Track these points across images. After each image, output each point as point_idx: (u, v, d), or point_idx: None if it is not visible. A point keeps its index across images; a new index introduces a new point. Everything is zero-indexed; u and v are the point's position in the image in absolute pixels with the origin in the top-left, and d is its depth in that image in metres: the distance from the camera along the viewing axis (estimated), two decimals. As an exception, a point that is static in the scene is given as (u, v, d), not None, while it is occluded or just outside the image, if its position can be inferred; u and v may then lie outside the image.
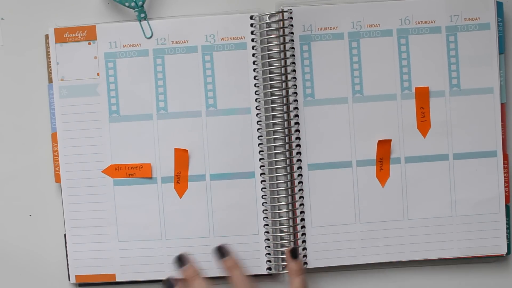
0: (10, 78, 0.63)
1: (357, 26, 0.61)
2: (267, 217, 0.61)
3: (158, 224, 0.61)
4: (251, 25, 0.60)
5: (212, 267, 0.61)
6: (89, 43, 0.61)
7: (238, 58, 0.61)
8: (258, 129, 0.61)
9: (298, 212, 0.61)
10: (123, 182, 0.61)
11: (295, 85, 0.61)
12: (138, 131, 0.61)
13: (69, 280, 0.62)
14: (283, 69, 0.60)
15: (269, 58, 0.60)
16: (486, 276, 0.63)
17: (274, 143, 0.61)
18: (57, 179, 0.62)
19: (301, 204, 0.61)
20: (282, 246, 0.61)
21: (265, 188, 0.61)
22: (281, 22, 0.60)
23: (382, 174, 0.61)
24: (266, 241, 0.61)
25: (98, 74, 0.61)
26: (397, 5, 0.61)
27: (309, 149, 0.61)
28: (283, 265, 0.61)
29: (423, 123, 0.61)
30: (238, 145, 0.61)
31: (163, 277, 0.61)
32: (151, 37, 0.61)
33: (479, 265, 0.63)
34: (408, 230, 0.61)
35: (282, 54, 0.60)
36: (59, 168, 0.62)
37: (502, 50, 0.61)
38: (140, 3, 0.60)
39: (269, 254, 0.61)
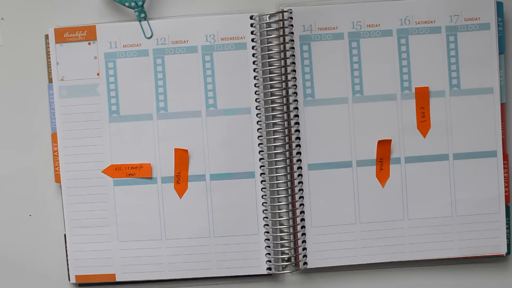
0: (10, 78, 0.63)
1: (357, 26, 0.61)
2: (267, 217, 0.61)
3: (158, 224, 0.61)
4: (251, 25, 0.60)
5: (212, 267, 0.61)
6: (89, 43, 0.61)
7: (238, 58, 0.61)
8: (258, 129, 0.61)
9: (298, 212, 0.61)
10: (123, 182, 0.61)
11: (295, 85, 0.61)
12: (138, 131, 0.61)
13: (69, 280, 0.62)
14: (283, 69, 0.60)
15: (269, 58, 0.60)
16: (486, 276, 0.63)
17: (274, 143, 0.61)
18: (57, 179, 0.62)
19: (301, 204, 0.61)
20: (282, 246, 0.61)
21: (265, 188, 0.61)
22: (281, 22, 0.60)
23: (382, 174, 0.61)
24: (266, 241, 0.61)
25: (98, 74, 0.61)
26: (397, 5, 0.61)
27: (309, 149, 0.61)
28: (283, 265, 0.61)
29: (423, 123, 0.61)
30: (238, 145, 0.61)
31: (163, 277, 0.62)
32: (151, 37, 0.61)
33: (479, 265, 0.63)
34: (408, 230, 0.61)
35: (282, 54, 0.60)
36: (59, 168, 0.62)
37: (502, 50, 0.61)
38: (140, 3, 0.60)
39: (269, 254, 0.61)
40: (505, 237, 0.61)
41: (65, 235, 0.62)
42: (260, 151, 0.61)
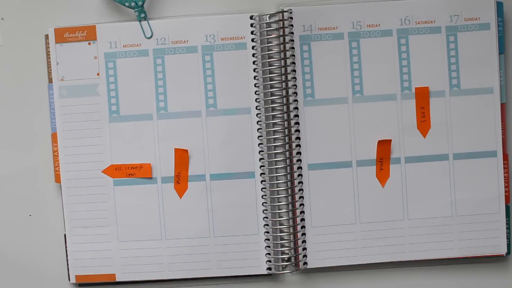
0: (10, 78, 0.63)
1: (357, 26, 0.61)
2: (267, 217, 0.61)
3: (158, 224, 0.61)
4: (251, 25, 0.60)
5: (212, 267, 0.61)
6: (89, 43, 0.61)
7: (238, 58, 0.61)
8: (258, 129, 0.61)
9: (298, 212, 0.61)
10: (123, 182, 0.61)
11: (295, 85, 0.61)
12: (138, 131, 0.61)
13: (69, 280, 0.62)
14: (283, 69, 0.60)
15: (269, 58, 0.60)
16: (486, 276, 0.63)
17: (274, 143, 0.61)
18: (57, 179, 0.62)
19: (301, 204, 0.61)
20: (282, 246, 0.61)
21: (265, 188, 0.61)
22: (281, 22, 0.60)
23: (382, 174, 0.61)
24: (266, 241, 0.61)
25: (98, 74, 0.61)
26: (397, 5, 0.61)
27: (309, 149, 0.61)
28: (283, 265, 0.61)
29: (423, 123, 0.61)
30: (238, 145, 0.61)
31: (163, 277, 0.62)
32: (151, 37, 0.61)
33: (479, 265, 0.63)
34: (408, 230, 0.61)
35: (282, 54, 0.60)
36: (59, 168, 0.62)
37: (502, 50, 0.61)
38: (140, 3, 0.60)
39: (269, 254, 0.61)
40: (505, 237, 0.61)
41: (65, 235, 0.62)
42: (260, 151, 0.61)
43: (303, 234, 0.61)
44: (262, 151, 0.61)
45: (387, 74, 0.61)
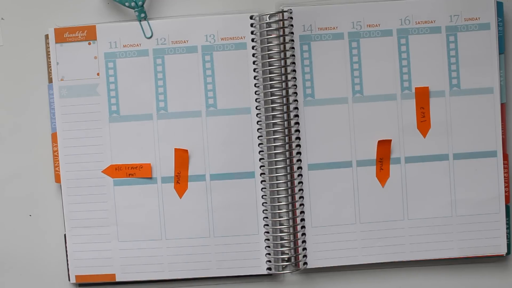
0: (10, 78, 0.63)
1: (357, 26, 0.61)
2: (267, 217, 0.61)
3: (158, 224, 0.61)
4: (251, 25, 0.60)
5: (212, 267, 0.61)
6: (89, 43, 0.61)
7: (238, 58, 0.61)
8: (258, 129, 0.61)
9: (298, 212, 0.61)
10: (123, 182, 0.61)
11: (295, 85, 0.61)
12: (138, 131, 0.61)
13: (69, 280, 0.62)
14: (283, 69, 0.60)
15: (269, 58, 0.60)
16: (486, 276, 0.63)
17: (274, 143, 0.61)
18: (57, 179, 0.62)
19: (301, 204, 0.61)
20: (282, 246, 0.61)
21: (265, 188, 0.61)
22: (281, 22, 0.60)
23: (382, 174, 0.61)
24: (266, 241, 0.61)
25: (98, 74, 0.61)
26: (397, 5, 0.61)
27: (309, 149, 0.61)
28: (283, 265, 0.61)
29: (423, 123, 0.61)
30: (238, 145, 0.61)
31: (163, 277, 0.62)
32: (151, 37, 0.61)
33: (479, 265, 0.63)
34: (408, 230, 0.61)
35: (282, 54, 0.60)
36: (59, 168, 0.62)
37: (502, 50, 0.61)
38: (140, 3, 0.60)
39: (269, 254, 0.61)
40: (505, 237, 0.61)
41: (65, 235, 0.62)
42: (260, 151, 0.61)
43: (303, 234, 0.61)
44: (262, 151, 0.61)
45: (387, 74, 0.61)
